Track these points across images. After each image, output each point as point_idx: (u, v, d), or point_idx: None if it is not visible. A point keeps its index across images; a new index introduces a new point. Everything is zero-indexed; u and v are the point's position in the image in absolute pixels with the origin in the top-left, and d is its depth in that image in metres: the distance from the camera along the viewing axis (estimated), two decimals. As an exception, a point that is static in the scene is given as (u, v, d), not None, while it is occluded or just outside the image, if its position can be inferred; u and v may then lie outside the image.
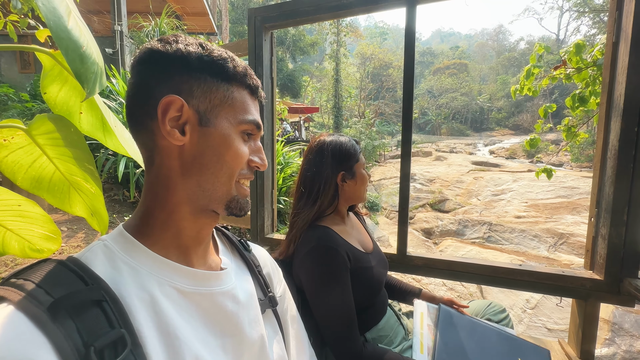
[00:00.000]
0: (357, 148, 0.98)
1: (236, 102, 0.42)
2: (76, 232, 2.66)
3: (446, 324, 0.90)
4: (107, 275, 0.35)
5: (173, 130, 0.39)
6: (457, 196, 9.46)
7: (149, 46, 0.40)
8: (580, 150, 13.94)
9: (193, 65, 0.40)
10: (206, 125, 0.40)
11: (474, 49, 63.53)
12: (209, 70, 0.40)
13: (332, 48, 18.21)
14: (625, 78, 0.96)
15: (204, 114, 0.40)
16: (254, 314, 0.47)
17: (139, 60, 0.41)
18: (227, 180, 0.42)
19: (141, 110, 0.40)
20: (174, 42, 0.40)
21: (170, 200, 0.41)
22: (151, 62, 0.40)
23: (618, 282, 1.02)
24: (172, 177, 0.41)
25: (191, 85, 0.40)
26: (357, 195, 0.98)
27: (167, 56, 0.39)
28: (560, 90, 26.19)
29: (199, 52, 0.40)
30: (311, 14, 1.33)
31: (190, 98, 0.39)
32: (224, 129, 0.41)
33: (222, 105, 0.41)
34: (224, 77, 0.41)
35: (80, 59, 0.36)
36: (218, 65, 0.41)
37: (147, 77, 0.40)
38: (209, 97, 0.40)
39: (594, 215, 1.09)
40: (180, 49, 0.40)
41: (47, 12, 0.32)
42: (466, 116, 36.66)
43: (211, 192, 0.42)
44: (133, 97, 0.41)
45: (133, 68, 0.41)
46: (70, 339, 0.28)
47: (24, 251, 0.73)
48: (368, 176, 1.00)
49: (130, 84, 0.41)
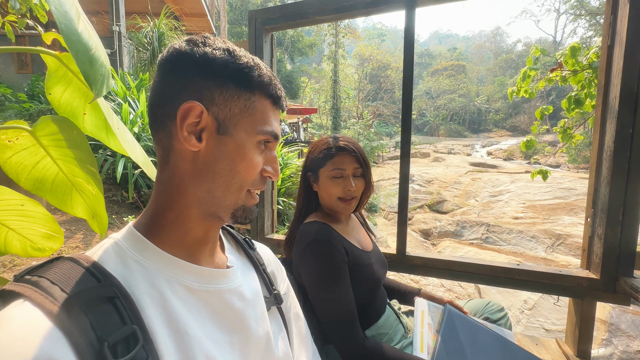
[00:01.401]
0: (330, 153, 0.90)
1: (256, 112, 0.42)
2: (74, 233, 2.65)
3: (449, 325, 0.90)
4: (119, 272, 0.35)
5: (190, 136, 0.39)
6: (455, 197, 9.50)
7: (176, 46, 0.40)
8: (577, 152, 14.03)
9: (217, 72, 0.39)
10: (224, 134, 0.40)
11: (471, 51, 63.91)
12: (232, 78, 0.40)
13: (331, 49, 18.27)
14: (620, 81, 0.97)
15: (222, 122, 0.40)
16: (260, 311, 0.48)
17: (166, 60, 0.40)
18: (238, 190, 0.43)
19: (162, 110, 0.40)
20: (202, 45, 0.40)
21: (180, 201, 0.41)
22: (177, 63, 0.40)
23: (614, 281, 1.04)
24: (184, 179, 0.41)
25: (213, 92, 0.39)
26: (324, 202, 0.94)
27: (192, 59, 0.39)
28: (557, 92, 26.38)
29: (225, 58, 0.40)
30: (312, 16, 1.34)
31: (210, 105, 0.39)
32: (241, 139, 0.41)
33: (242, 115, 0.41)
34: (247, 86, 0.41)
35: (89, 62, 0.37)
36: (243, 73, 0.40)
37: (171, 78, 0.40)
38: (229, 105, 0.40)
39: (590, 216, 1.11)
40: (207, 53, 0.39)
41: (59, 15, 0.32)
42: (464, 117, 36.85)
43: (220, 199, 0.42)
44: (156, 96, 0.41)
45: (160, 66, 0.41)
46: (85, 334, 0.29)
47: (25, 250, 0.73)
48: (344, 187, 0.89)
49: (155, 82, 0.41)
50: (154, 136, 0.42)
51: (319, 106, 23.34)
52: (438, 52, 57.46)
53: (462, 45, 71.39)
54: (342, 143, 0.91)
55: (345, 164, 0.90)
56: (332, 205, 0.92)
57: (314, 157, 0.94)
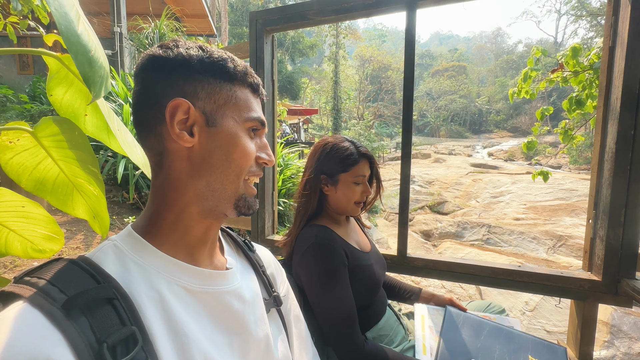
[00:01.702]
0: (354, 159, 0.91)
1: (240, 101, 0.43)
2: (75, 234, 2.66)
3: (450, 324, 0.90)
4: (118, 274, 0.35)
5: (182, 133, 0.40)
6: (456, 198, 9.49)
7: (150, 53, 0.41)
8: (578, 153, 14.01)
9: (195, 68, 0.40)
10: (213, 126, 0.41)
11: (472, 52, 63.90)
12: (210, 72, 0.41)
13: (331, 50, 18.28)
14: (621, 82, 0.97)
15: (210, 114, 0.41)
16: (259, 313, 0.48)
17: (142, 68, 0.41)
18: (236, 178, 0.43)
19: (148, 115, 0.41)
20: (175, 47, 0.41)
21: (180, 201, 0.42)
22: (154, 68, 0.41)
23: (616, 283, 1.03)
24: (181, 179, 0.41)
25: (195, 87, 0.40)
26: (339, 205, 0.94)
27: (169, 61, 0.40)
28: (559, 93, 26.35)
29: (199, 54, 0.41)
30: (312, 17, 1.34)
31: (195, 100, 0.40)
32: (231, 128, 0.42)
33: (227, 105, 0.42)
34: (226, 77, 0.42)
35: (88, 63, 0.37)
36: (219, 65, 0.42)
37: (151, 83, 0.41)
38: (213, 97, 0.41)
39: (591, 217, 1.10)
40: (182, 53, 0.40)
41: (59, 16, 0.32)
42: (465, 118, 36.81)
43: (220, 191, 0.43)
44: (139, 104, 0.41)
45: (137, 76, 0.42)
46: (84, 335, 0.29)
47: (26, 251, 0.73)
48: (363, 192, 0.93)
49: (136, 91, 0.42)
50: (144, 143, 0.43)
51: (320, 107, 23.36)
52: (439, 53, 57.49)
53: (463, 46, 71.41)
54: (363, 150, 0.95)
55: (365, 171, 0.94)
56: (346, 208, 0.94)
57: (333, 160, 0.92)
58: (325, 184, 0.93)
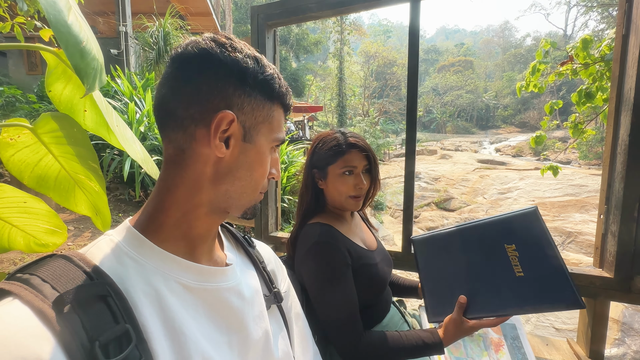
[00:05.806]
0: (340, 150, 0.87)
1: (274, 120, 0.44)
2: (83, 232, 2.70)
3: (421, 256, 0.88)
4: (113, 270, 0.34)
5: (221, 144, 0.39)
6: (462, 195, 9.40)
7: (203, 45, 0.38)
8: (588, 148, 13.74)
9: (249, 81, 0.40)
10: (249, 142, 0.42)
11: (479, 46, 62.94)
12: (260, 89, 0.41)
13: (336, 46, 18.20)
14: (635, 71, 0.93)
15: (248, 130, 0.41)
16: (258, 310, 0.47)
17: (190, 57, 0.38)
18: (252, 192, 0.44)
19: (184, 111, 0.38)
20: (231, 49, 0.39)
21: (191, 201, 0.40)
22: (206, 66, 0.38)
23: (629, 280, 1.00)
24: (201, 182, 0.40)
25: (243, 101, 0.40)
26: (334, 199, 0.90)
27: (224, 65, 0.38)
28: (568, 87, 25.82)
29: (255, 69, 0.40)
30: (314, 11, 1.32)
31: (240, 113, 0.40)
32: (262, 146, 0.43)
33: (264, 123, 0.42)
34: (270, 97, 0.42)
35: (80, 55, 0.36)
36: (269, 85, 0.42)
37: (198, 80, 0.38)
38: (255, 114, 0.41)
39: (603, 212, 1.07)
40: (239, 62, 0.39)
41: (47, 6, 0.32)
42: (471, 114, 36.35)
43: (235, 200, 0.43)
44: (177, 94, 0.38)
45: (181, 62, 0.39)
46: (75, 333, 0.28)
47: (29, 246, 0.74)
48: (355, 184, 0.87)
49: (175, 78, 0.39)
50: (165, 134, 0.40)
51: (325, 104, 23.27)
52: (445, 48, 56.72)
53: (469, 41, 70.40)
54: (352, 139, 0.88)
55: (355, 161, 0.88)
56: (341, 202, 0.90)
57: (321, 153, 0.90)
58: (318, 178, 0.91)
